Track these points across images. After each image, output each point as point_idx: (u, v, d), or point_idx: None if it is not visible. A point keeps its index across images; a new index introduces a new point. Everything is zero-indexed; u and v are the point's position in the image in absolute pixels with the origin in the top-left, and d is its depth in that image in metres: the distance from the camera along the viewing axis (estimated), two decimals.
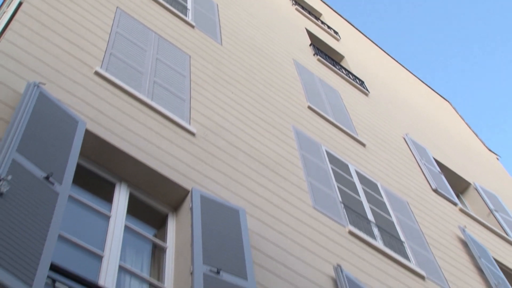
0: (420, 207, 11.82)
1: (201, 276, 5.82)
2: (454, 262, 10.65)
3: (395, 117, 16.68)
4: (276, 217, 7.91)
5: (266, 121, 10.27)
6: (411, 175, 13.20)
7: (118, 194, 6.73)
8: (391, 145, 14.18)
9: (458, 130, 21.27)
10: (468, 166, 17.23)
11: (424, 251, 10.05)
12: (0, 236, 4.54)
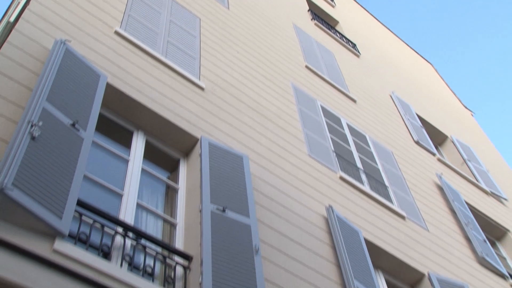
0: (403, 156, 11.88)
1: (209, 213, 5.90)
2: (431, 205, 10.74)
3: (383, 77, 16.65)
4: (276, 163, 7.96)
5: (267, 78, 10.27)
6: (395, 128, 13.23)
7: (135, 141, 6.77)
8: (379, 101, 14.18)
9: (438, 89, 21.22)
10: (446, 121, 17.25)
11: (405, 195, 10.14)
12: (33, 175, 4.60)
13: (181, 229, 6.08)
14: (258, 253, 5.84)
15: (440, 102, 19.23)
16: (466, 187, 13.13)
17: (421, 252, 8.77)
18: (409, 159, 11.99)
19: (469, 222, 10.82)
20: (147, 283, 4.85)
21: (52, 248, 4.53)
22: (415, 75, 20.26)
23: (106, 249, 5.18)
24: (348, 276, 6.75)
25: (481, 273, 9.81)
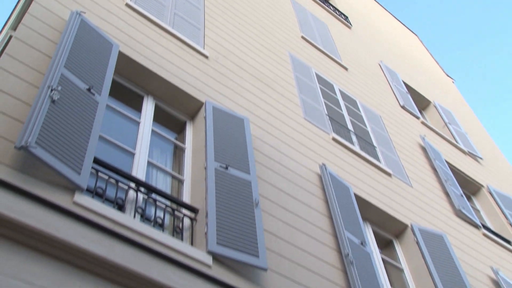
0: (389, 119, 11.91)
1: (213, 170, 5.94)
2: (414, 163, 10.81)
3: (373, 47, 16.57)
4: (274, 125, 7.99)
5: (266, 48, 10.23)
6: (383, 94, 13.22)
7: (146, 105, 6.78)
8: (368, 69, 14.14)
9: (423, 58, 21.14)
10: (429, 88, 17.23)
11: (392, 154, 10.19)
12: (54, 135, 4.63)
13: (188, 185, 6.14)
14: (257, 206, 5.90)
15: (424, 70, 19.18)
16: (446, 148, 13.19)
17: (405, 205, 8.85)
18: (395, 122, 12.02)
19: (448, 178, 10.91)
20: (158, 232, 4.92)
21: (72, 200, 4.59)
22: (402, 46, 20.15)
23: (121, 202, 5.24)
24: (339, 227, 6.83)
25: (458, 223, 9.92)
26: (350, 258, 6.40)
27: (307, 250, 6.26)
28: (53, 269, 4.08)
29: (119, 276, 4.33)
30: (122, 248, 4.42)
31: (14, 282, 3.86)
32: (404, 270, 7.96)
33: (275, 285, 5.48)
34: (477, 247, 9.64)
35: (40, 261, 4.07)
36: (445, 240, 8.49)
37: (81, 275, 4.19)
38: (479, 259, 9.31)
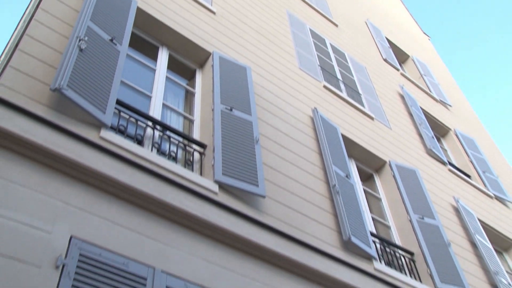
0: (373, 70, 11.83)
1: (219, 112, 5.96)
2: (394, 109, 10.81)
3: (360, 6, 16.31)
4: (272, 73, 7.95)
5: (267, 6, 10.08)
6: (369, 48, 13.10)
7: (161, 54, 6.74)
8: (356, 26, 13.96)
9: (403, 17, 20.82)
10: (409, 44, 17.04)
11: (374, 101, 10.18)
12: (82, 79, 4.62)
13: (197, 124, 6.16)
14: (257, 143, 5.94)
15: (404, 28, 18.92)
16: (421, 96, 13.16)
17: (384, 144, 8.90)
18: (378, 73, 11.95)
19: (422, 122, 10.93)
20: (172, 164, 4.97)
21: (98, 135, 4.62)
22: (385, 5, 19.83)
23: (140, 138, 5.28)
24: (327, 161, 6.89)
25: (428, 161, 10.00)
26: (336, 188, 6.49)
27: (300, 181, 6.33)
28: (84, 192, 4.16)
29: (138, 200, 4.41)
30: (141, 176, 4.48)
31: (54, 201, 3.94)
32: (382, 200, 8.07)
33: (272, 210, 5.57)
34: (443, 180, 9.75)
35: (73, 185, 4.14)
36: (417, 174, 8.57)
37: (107, 198, 4.26)
38: (444, 190, 9.43)
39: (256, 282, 4.73)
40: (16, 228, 3.61)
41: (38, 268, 3.53)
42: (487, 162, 12.27)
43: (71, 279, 3.60)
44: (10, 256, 3.47)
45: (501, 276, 8.16)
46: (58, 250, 3.69)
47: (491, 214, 10.23)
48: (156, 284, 3.97)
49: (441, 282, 6.83)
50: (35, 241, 3.64)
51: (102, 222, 4.08)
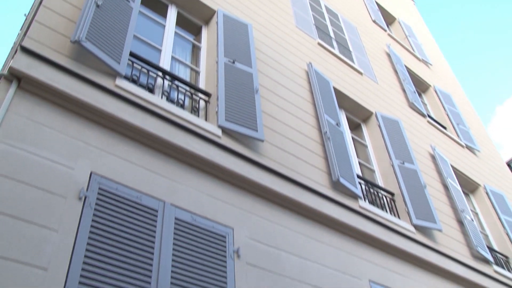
0: (363, 30, 11.63)
1: (223, 64, 5.88)
2: (381, 66, 10.69)
3: None
4: (271, 30, 7.81)
5: None
6: (359, 10, 12.83)
7: (170, 12, 6.59)
8: None
9: None
10: (396, 7, 16.68)
11: (364, 58, 10.05)
12: (99, 32, 4.53)
13: (203, 75, 6.09)
14: (257, 93, 5.89)
15: None
16: (406, 55, 13.00)
17: (371, 97, 8.85)
18: (368, 33, 11.74)
19: (405, 78, 10.83)
20: (180, 110, 4.94)
21: (114, 83, 4.57)
22: None
23: (151, 86, 5.22)
24: (320, 111, 6.86)
25: (410, 113, 9.97)
26: (327, 135, 6.48)
27: (295, 128, 6.32)
28: (102, 134, 4.15)
29: (150, 141, 4.41)
30: (153, 120, 4.47)
31: (76, 141, 3.94)
32: (368, 146, 8.09)
33: (269, 152, 5.58)
34: (422, 130, 9.75)
35: (92, 128, 4.13)
36: (399, 124, 8.56)
37: (122, 139, 4.26)
38: (422, 139, 9.45)
39: (254, 215, 4.79)
40: (44, 164, 3.63)
41: (64, 198, 3.57)
42: (461, 115, 12.26)
43: (92, 209, 3.64)
44: (42, 188, 3.52)
45: (466, 213, 8.29)
46: (80, 184, 3.72)
47: (462, 161, 10.29)
48: (166, 216, 4.02)
49: (416, 218, 6.93)
50: (61, 175, 3.66)
51: (118, 160, 4.09)
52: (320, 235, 5.31)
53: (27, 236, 3.27)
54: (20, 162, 3.53)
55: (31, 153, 3.62)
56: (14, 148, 3.57)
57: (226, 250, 4.20)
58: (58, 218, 3.46)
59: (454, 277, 6.83)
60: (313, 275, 4.84)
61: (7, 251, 3.13)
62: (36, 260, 3.21)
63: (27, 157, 3.59)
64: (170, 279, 3.69)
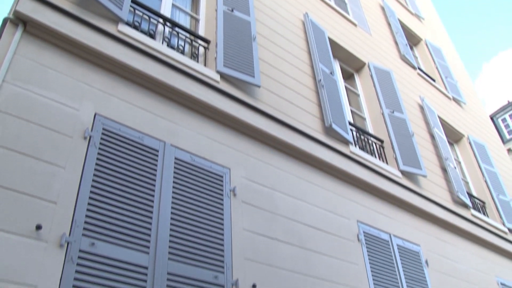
0: None
1: (222, 12, 5.76)
2: (375, 18, 10.51)
3: None
4: None
5: None
6: None
7: None
8: None
9: None
10: None
11: (358, 10, 9.86)
12: None
13: (202, 22, 5.98)
14: (255, 40, 5.81)
15: None
16: (399, 9, 12.76)
17: (364, 48, 8.75)
18: None
19: (398, 31, 10.68)
20: (180, 55, 4.89)
21: (117, 29, 4.50)
22: None
23: (152, 32, 5.14)
24: (315, 59, 6.80)
25: (401, 64, 9.90)
26: (321, 83, 6.46)
27: (290, 75, 6.29)
28: (105, 77, 4.12)
29: (151, 85, 4.39)
30: (154, 65, 4.43)
31: (80, 84, 3.92)
32: (360, 95, 8.08)
33: (265, 98, 5.58)
34: (412, 82, 9.72)
35: (96, 71, 4.10)
36: (391, 75, 8.52)
37: (124, 83, 4.24)
38: (412, 90, 9.43)
39: (250, 157, 4.84)
40: (51, 105, 3.63)
41: (70, 138, 3.59)
42: (450, 69, 12.18)
43: (97, 148, 3.67)
44: (49, 127, 3.53)
45: (449, 161, 8.40)
46: (85, 124, 3.73)
47: (448, 112, 10.32)
48: (166, 156, 4.06)
49: (403, 164, 7.02)
50: (66, 116, 3.67)
51: (120, 102, 4.08)
52: (312, 177, 5.39)
53: (37, 172, 3.31)
54: (28, 103, 3.53)
55: (38, 95, 3.62)
56: (22, 90, 3.56)
57: (223, 189, 4.28)
58: (65, 156, 3.49)
59: (435, 219, 7.01)
60: (305, 215, 4.95)
61: (20, 185, 3.19)
62: (46, 194, 3.27)
63: (35, 98, 3.58)
64: (170, 214, 3.77)
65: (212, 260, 3.82)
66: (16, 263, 2.93)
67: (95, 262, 3.23)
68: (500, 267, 7.93)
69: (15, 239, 2.99)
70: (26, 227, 3.09)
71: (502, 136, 26.55)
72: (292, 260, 4.45)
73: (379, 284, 5.23)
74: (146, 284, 3.37)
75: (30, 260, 3.00)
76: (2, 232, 2.97)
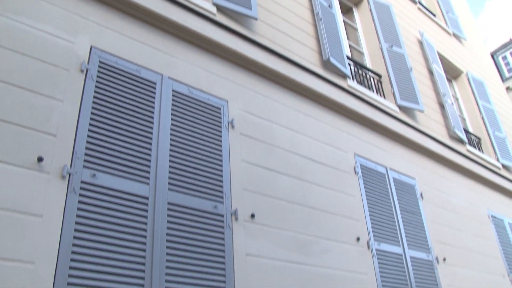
0: None
1: None
2: None
3: None
4: None
5: None
6: None
7: None
8: None
9: None
10: None
11: None
12: None
13: None
14: None
15: None
16: None
17: None
18: None
19: None
20: None
21: None
22: None
23: None
24: None
25: None
26: (319, 16, 6.33)
27: (288, 8, 6.13)
28: (101, 10, 4.03)
29: (148, 17, 4.31)
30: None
31: (75, 16, 3.84)
32: (358, 30, 7.95)
33: (263, 31, 5.48)
34: (412, 16, 9.53)
35: (91, 3, 4.00)
36: (390, 9, 8.33)
37: (121, 15, 4.15)
38: (411, 25, 9.27)
39: (248, 89, 4.83)
40: (45, 38, 3.57)
41: (67, 71, 3.57)
42: (451, 3, 11.91)
43: (94, 81, 3.65)
44: (45, 60, 3.50)
45: (447, 97, 8.41)
46: (81, 57, 3.69)
47: (448, 48, 10.21)
48: (164, 88, 4.05)
49: (400, 99, 7.03)
50: (62, 49, 3.62)
51: (117, 35, 4.02)
52: (310, 111, 5.41)
53: (35, 105, 3.31)
54: (22, 36, 3.47)
55: (32, 27, 3.54)
56: (15, 22, 3.49)
57: (221, 121, 4.31)
58: (62, 89, 3.48)
59: (431, 153, 7.11)
60: (303, 147, 5.01)
61: (18, 118, 3.19)
62: (46, 127, 3.29)
63: (28, 30, 3.52)
64: (169, 146, 3.82)
65: (211, 190, 3.91)
66: (21, 194, 2.99)
67: (97, 193, 3.30)
68: (492, 201, 8.15)
69: (18, 171, 3.04)
70: (28, 159, 3.13)
71: (501, 74, 26.41)
72: (290, 191, 4.56)
73: (374, 215, 5.38)
74: (148, 213, 3.47)
75: (34, 191, 3.06)
76: (4, 164, 3.01)
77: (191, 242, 3.59)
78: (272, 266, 4.02)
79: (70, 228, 3.08)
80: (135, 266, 3.24)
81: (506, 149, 9.47)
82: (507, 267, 7.34)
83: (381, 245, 5.24)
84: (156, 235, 3.43)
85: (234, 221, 3.95)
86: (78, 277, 2.98)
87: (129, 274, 3.19)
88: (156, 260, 3.35)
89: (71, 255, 3.00)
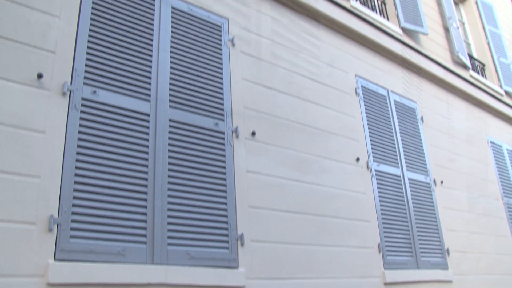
0: None
1: None
2: None
3: None
4: None
5: None
6: None
7: None
8: None
9: None
10: None
11: None
12: None
13: None
14: None
15: None
16: None
17: None
18: None
19: None
20: None
21: None
22: None
23: None
24: None
25: None
26: None
27: None
28: None
29: None
30: None
31: None
32: None
33: None
34: None
35: None
36: None
37: None
38: None
39: (249, 8, 4.71)
40: None
41: None
42: None
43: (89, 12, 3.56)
44: None
45: (453, 21, 8.22)
46: None
47: None
48: (163, 4, 3.95)
49: (404, 21, 6.88)
50: None
51: None
52: (312, 30, 5.31)
53: (31, 21, 3.25)
54: None
55: None
56: None
57: (221, 39, 4.24)
58: (58, 5, 3.40)
59: (433, 77, 7.05)
60: (304, 66, 4.96)
61: (15, 34, 3.14)
62: (44, 44, 3.25)
63: None
64: (169, 64, 3.79)
65: (212, 108, 3.93)
66: (23, 111, 3.01)
67: (99, 110, 3.32)
68: (492, 127, 8.19)
69: (18, 87, 3.04)
70: (27, 75, 3.12)
71: None
72: (291, 110, 4.58)
73: (374, 137, 5.44)
74: (149, 130, 3.50)
75: (36, 108, 3.07)
76: (4, 80, 3.01)
77: (192, 158, 3.66)
78: (272, 183, 4.12)
79: (73, 144, 3.13)
80: (137, 181, 3.33)
81: (510, 76, 9.39)
82: (502, 191, 7.51)
83: (380, 166, 5.34)
84: (158, 151, 3.49)
85: (235, 138, 4.00)
86: (82, 191, 3.07)
87: (132, 189, 3.28)
88: (158, 176, 3.43)
89: (75, 170, 3.07)
